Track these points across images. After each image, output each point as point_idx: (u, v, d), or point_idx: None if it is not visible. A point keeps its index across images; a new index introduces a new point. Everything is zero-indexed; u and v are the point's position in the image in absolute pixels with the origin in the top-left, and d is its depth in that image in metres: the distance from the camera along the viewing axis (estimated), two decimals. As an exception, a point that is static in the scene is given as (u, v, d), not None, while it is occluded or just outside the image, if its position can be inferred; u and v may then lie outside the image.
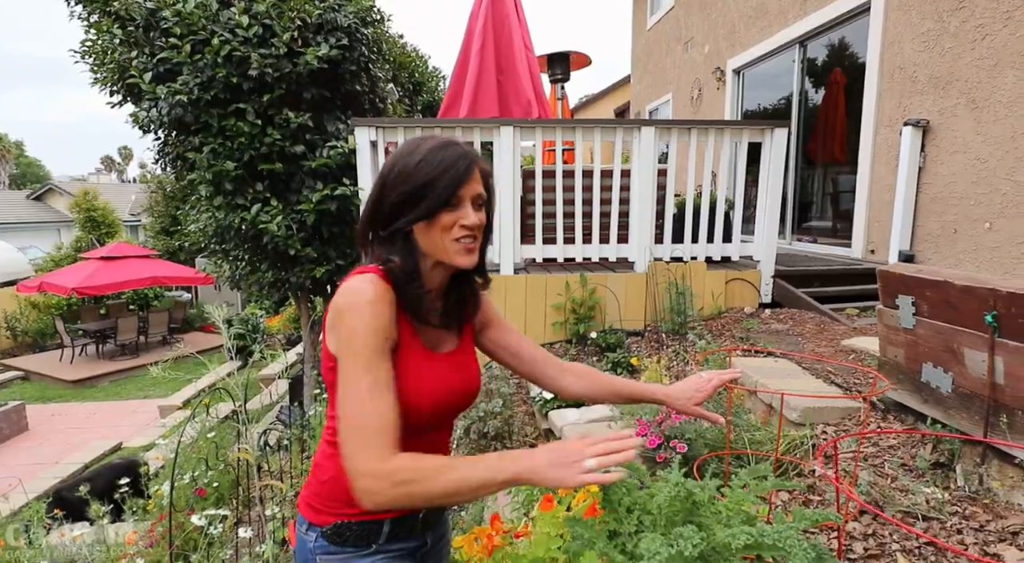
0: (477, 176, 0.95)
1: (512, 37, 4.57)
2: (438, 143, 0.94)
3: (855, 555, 1.66)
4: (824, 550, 0.97)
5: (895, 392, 2.17)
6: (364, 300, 0.87)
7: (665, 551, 0.79)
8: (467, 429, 2.71)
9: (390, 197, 0.93)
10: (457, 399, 1.03)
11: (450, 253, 0.94)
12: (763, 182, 4.26)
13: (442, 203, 0.91)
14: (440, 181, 0.90)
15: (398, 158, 0.95)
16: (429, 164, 0.91)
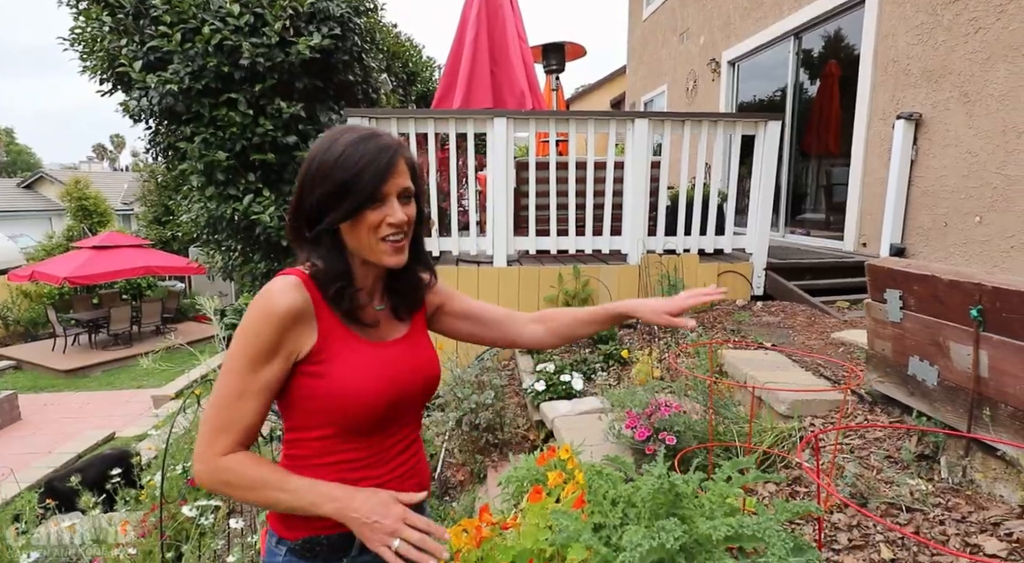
0: (403, 168, 0.91)
1: (506, 27, 4.54)
2: (358, 135, 0.90)
3: (839, 546, 1.68)
4: (803, 541, 0.98)
5: (882, 385, 2.19)
6: (265, 309, 0.86)
7: (647, 543, 0.80)
8: (459, 421, 2.72)
9: (312, 195, 0.89)
10: (408, 388, 0.99)
11: (377, 253, 0.91)
12: (756, 175, 4.26)
13: (365, 201, 0.88)
14: (362, 178, 0.86)
15: (317, 153, 0.91)
16: (349, 160, 0.87)
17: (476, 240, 4.20)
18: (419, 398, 1.03)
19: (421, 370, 1.02)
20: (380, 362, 0.95)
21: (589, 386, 3.08)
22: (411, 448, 1.03)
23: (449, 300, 1.15)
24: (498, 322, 1.16)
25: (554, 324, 1.18)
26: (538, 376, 3.07)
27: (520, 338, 1.18)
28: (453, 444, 2.84)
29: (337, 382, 0.90)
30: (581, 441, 2.32)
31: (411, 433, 1.04)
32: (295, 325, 0.87)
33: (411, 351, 1.02)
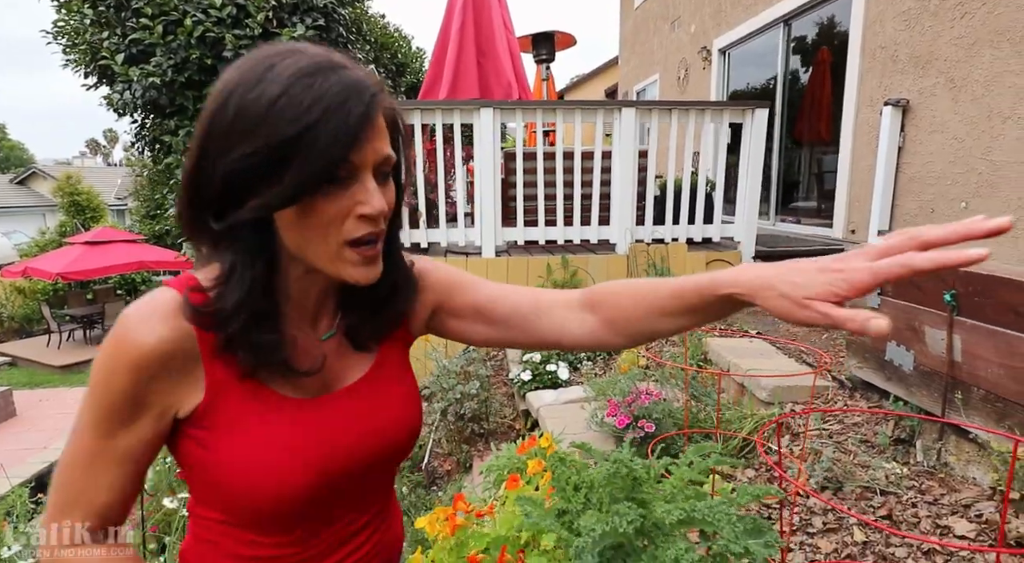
0: (381, 125, 0.57)
1: (492, 18, 4.51)
2: (310, 62, 0.54)
3: (814, 529, 1.71)
4: (763, 523, 0.99)
5: (861, 370, 2.21)
6: (116, 352, 0.56)
7: (600, 527, 0.81)
8: (444, 411, 2.73)
9: (224, 159, 0.54)
10: (354, 466, 0.66)
11: (337, 263, 0.58)
12: (744, 163, 4.26)
13: (322, 176, 0.53)
14: (318, 135, 0.51)
15: (235, 87, 0.54)
16: (295, 102, 0.52)
17: (464, 231, 4.20)
18: (377, 472, 0.71)
19: (383, 432, 0.69)
20: (305, 437, 0.62)
21: (575, 375, 3.09)
22: (366, 530, 0.72)
23: (449, 295, 0.75)
24: (520, 317, 0.72)
25: (615, 312, 0.69)
26: (524, 366, 3.08)
27: (564, 337, 0.72)
28: (440, 434, 2.86)
29: (226, 467, 0.60)
30: (565, 430, 2.34)
31: (365, 514, 0.72)
32: (162, 374, 0.57)
33: (370, 404, 0.69)
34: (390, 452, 0.71)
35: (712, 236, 4.44)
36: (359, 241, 0.57)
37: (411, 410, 0.73)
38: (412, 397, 0.74)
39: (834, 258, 0.51)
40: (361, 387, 0.69)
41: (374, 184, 0.57)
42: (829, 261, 0.51)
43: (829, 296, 0.50)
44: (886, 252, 0.48)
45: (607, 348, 0.74)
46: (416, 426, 0.74)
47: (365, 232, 0.57)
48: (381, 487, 0.75)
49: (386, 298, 0.68)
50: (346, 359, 0.69)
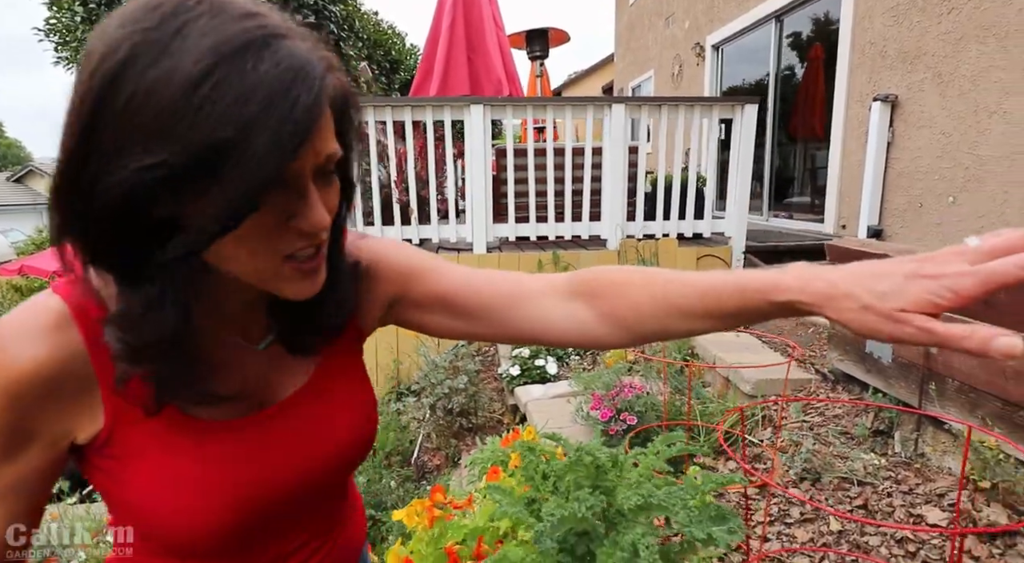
0: (327, 117, 0.45)
1: (482, 15, 4.52)
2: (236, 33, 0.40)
3: (792, 519, 1.73)
4: (727, 510, 1.01)
5: (842, 363, 2.23)
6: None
7: (559, 512, 0.83)
8: (433, 406, 2.75)
9: (119, 170, 0.40)
10: (285, 495, 0.57)
11: (271, 281, 0.49)
12: (734, 158, 4.28)
13: (261, 191, 0.41)
14: (256, 140, 0.39)
15: (129, 56, 0.39)
16: (225, 91, 0.38)
17: (456, 227, 4.21)
18: (321, 492, 0.62)
19: (325, 452, 0.60)
20: (222, 471, 0.53)
21: (564, 370, 3.11)
22: (314, 542, 0.64)
23: (409, 284, 0.64)
24: (492, 311, 0.62)
25: (622, 305, 0.57)
26: (513, 361, 3.10)
27: (546, 332, 0.61)
28: (429, 429, 2.88)
29: (134, 504, 0.52)
30: (550, 423, 2.36)
31: (307, 531, 0.63)
32: (48, 400, 0.47)
33: (310, 420, 0.59)
34: (333, 471, 0.61)
35: (703, 232, 4.46)
36: (295, 254, 0.47)
37: (359, 419, 0.63)
38: (361, 403, 0.64)
39: (922, 259, 0.41)
40: (300, 400, 0.59)
41: (315, 191, 0.46)
42: (917, 264, 0.41)
43: (928, 307, 0.39)
44: (992, 253, 0.39)
45: (601, 346, 0.61)
46: (367, 435, 0.64)
47: (303, 246, 0.47)
48: (329, 502, 0.66)
49: (323, 301, 0.55)
50: (283, 368, 0.59)
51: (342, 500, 0.69)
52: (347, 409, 0.62)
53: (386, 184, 4.28)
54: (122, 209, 0.41)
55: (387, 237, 0.68)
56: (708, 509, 1.02)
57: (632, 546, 0.81)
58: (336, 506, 0.68)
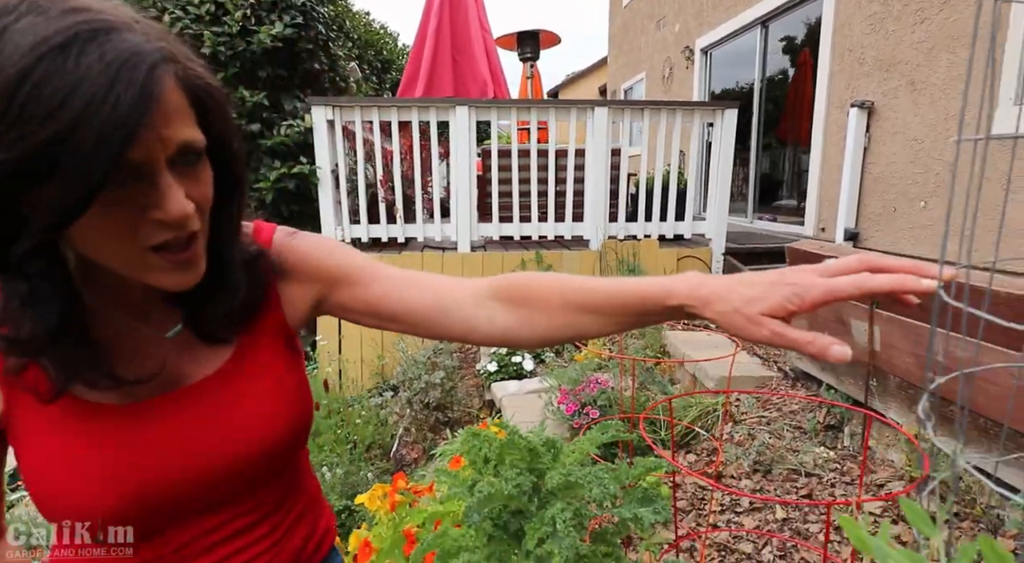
0: (174, 104, 0.46)
1: (468, 17, 4.59)
2: (58, 30, 0.40)
3: (741, 508, 1.81)
4: (655, 493, 1.10)
5: (800, 361, 2.32)
6: None
7: (487, 489, 0.91)
8: (410, 400, 2.83)
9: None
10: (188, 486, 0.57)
11: (144, 273, 0.49)
12: (714, 162, 4.37)
13: (94, 189, 0.41)
14: (82, 137, 0.40)
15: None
16: (46, 91, 0.39)
17: (441, 226, 4.29)
18: (227, 485, 0.60)
19: (234, 436, 0.59)
20: (109, 452, 0.54)
21: (540, 367, 3.19)
22: (233, 541, 0.62)
23: (334, 287, 0.66)
24: (418, 317, 0.65)
25: (539, 314, 0.62)
26: (492, 357, 3.18)
27: (470, 335, 0.65)
28: (407, 423, 2.95)
29: (31, 482, 0.54)
30: (518, 417, 2.44)
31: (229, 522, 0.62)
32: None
33: (218, 404, 0.59)
34: (250, 457, 0.60)
35: (684, 233, 4.55)
36: (161, 246, 0.48)
37: (282, 402, 0.63)
38: (285, 387, 0.64)
39: (788, 271, 0.50)
40: (208, 385, 0.59)
41: (169, 181, 0.46)
42: (782, 275, 0.49)
43: (781, 310, 0.48)
44: (840, 271, 0.48)
45: (520, 346, 0.66)
46: (293, 420, 0.64)
47: (166, 238, 0.47)
48: (257, 489, 0.64)
49: (210, 296, 0.57)
50: (196, 357, 0.59)
51: (268, 490, 0.66)
52: (257, 398, 0.61)
53: (372, 183, 4.36)
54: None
55: (324, 237, 0.70)
56: (636, 492, 1.10)
57: (552, 520, 0.89)
58: (259, 497, 0.64)
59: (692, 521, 1.80)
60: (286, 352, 0.66)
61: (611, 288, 0.58)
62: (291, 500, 0.69)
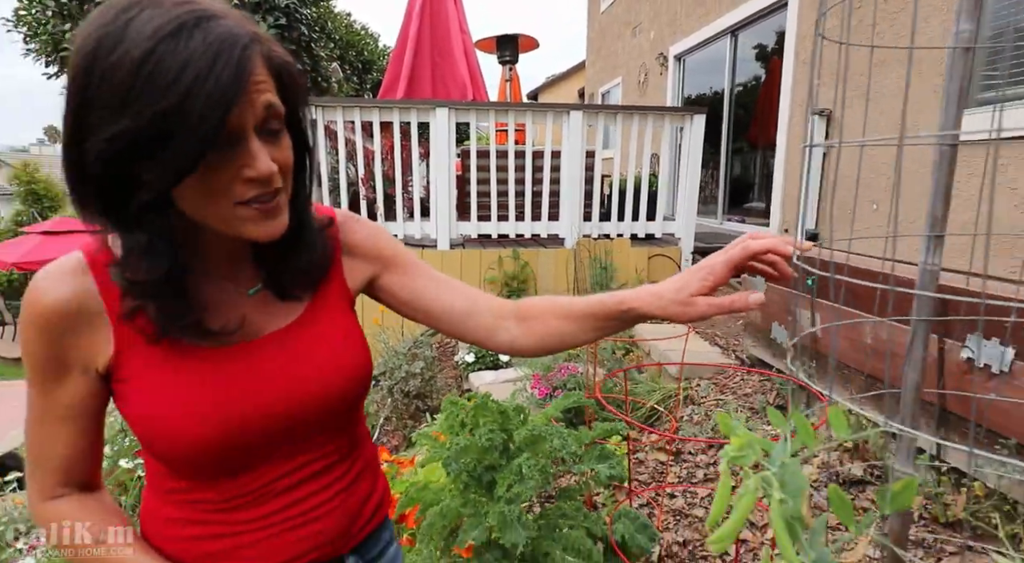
0: (261, 78, 0.55)
1: (448, 22, 4.73)
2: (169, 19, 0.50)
3: (696, 479, 1.99)
4: (610, 451, 1.25)
5: (755, 348, 2.51)
6: (26, 309, 0.60)
7: (462, 441, 1.06)
8: (391, 389, 2.95)
9: (95, 139, 0.51)
10: (270, 422, 0.65)
11: (235, 224, 0.58)
12: (683, 165, 4.57)
13: (202, 149, 0.51)
14: (191, 106, 0.49)
15: (96, 48, 0.51)
16: (162, 69, 0.49)
17: (420, 224, 4.42)
18: (313, 419, 0.68)
19: (310, 378, 0.68)
20: (206, 389, 0.62)
21: (515, 357, 3.34)
22: (308, 484, 0.69)
23: (387, 270, 0.78)
24: (451, 315, 0.78)
25: (536, 323, 0.77)
26: (469, 349, 3.32)
27: (487, 341, 0.78)
28: (388, 411, 3.07)
29: (133, 420, 0.62)
30: (494, 402, 2.59)
31: (305, 465, 0.69)
32: (70, 331, 0.60)
33: (296, 350, 0.68)
34: (322, 398, 0.68)
35: (655, 232, 4.75)
36: (251, 200, 0.57)
37: (349, 353, 0.71)
38: (351, 340, 0.72)
39: (704, 260, 0.67)
40: (287, 334, 0.68)
41: (258, 144, 0.56)
42: (698, 266, 0.67)
43: (702, 289, 0.64)
44: (735, 246, 0.66)
45: (523, 354, 0.79)
46: (359, 370, 0.72)
47: (256, 193, 0.57)
48: (329, 435, 0.71)
49: (292, 248, 0.67)
50: (274, 311, 0.69)
51: (339, 438, 0.73)
52: (330, 344, 0.70)
53: (354, 182, 4.46)
54: (101, 171, 0.52)
55: (381, 226, 0.82)
56: (594, 450, 1.26)
57: (519, 467, 1.04)
58: (332, 443, 0.72)
59: (652, 492, 1.97)
60: (351, 312, 0.76)
61: (586, 301, 0.74)
62: (356, 453, 0.76)
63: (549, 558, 1.08)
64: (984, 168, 3.28)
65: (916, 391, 0.79)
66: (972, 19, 0.69)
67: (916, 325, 0.76)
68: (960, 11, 0.69)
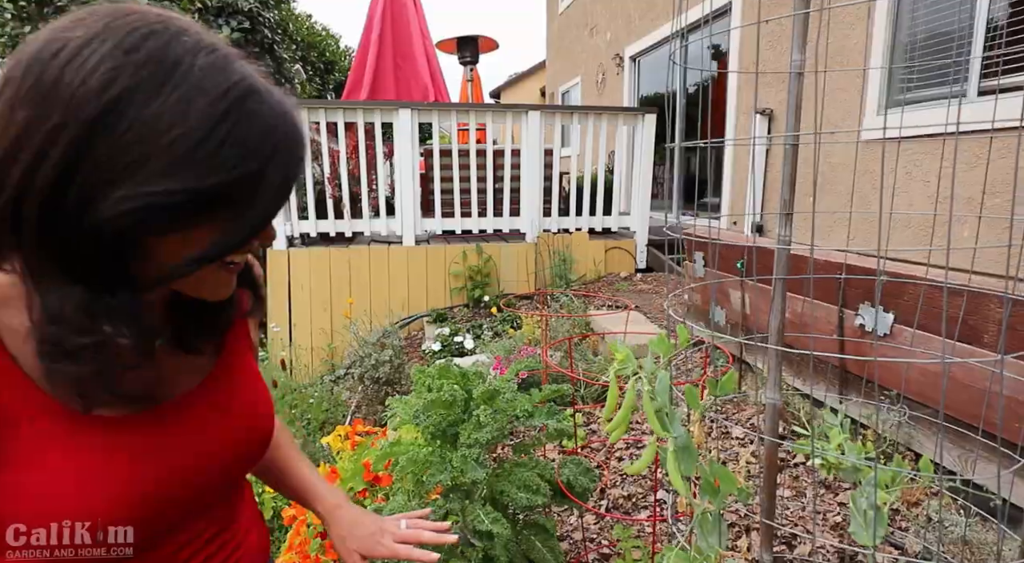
0: None
1: (410, 25, 4.88)
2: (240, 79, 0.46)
3: (643, 444, 2.21)
4: (556, 410, 1.46)
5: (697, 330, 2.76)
6: None
7: (429, 396, 1.24)
8: (361, 377, 3.10)
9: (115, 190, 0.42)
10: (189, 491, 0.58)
11: (204, 287, 0.54)
12: (636, 162, 4.83)
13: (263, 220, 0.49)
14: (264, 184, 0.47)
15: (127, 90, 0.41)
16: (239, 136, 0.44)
17: (386, 221, 4.56)
18: (212, 491, 0.63)
19: (231, 443, 0.63)
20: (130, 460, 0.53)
21: (480, 345, 3.53)
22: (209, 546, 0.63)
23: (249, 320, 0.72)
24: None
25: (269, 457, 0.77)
26: (436, 339, 3.49)
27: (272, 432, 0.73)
28: (359, 398, 3.22)
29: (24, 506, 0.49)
30: (460, 384, 2.77)
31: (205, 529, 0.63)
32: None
33: (206, 414, 0.61)
34: (243, 459, 0.65)
35: (611, 226, 5.00)
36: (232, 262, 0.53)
37: (263, 407, 0.67)
38: (264, 390, 0.68)
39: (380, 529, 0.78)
40: (196, 397, 0.60)
41: None
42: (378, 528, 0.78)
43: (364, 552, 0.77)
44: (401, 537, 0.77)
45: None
46: (270, 421, 0.68)
47: (246, 257, 0.57)
48: (224, 500, 0.66)
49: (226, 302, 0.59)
50: (179, 366, 0.59)
51: (238, 500, 0.70)
52: (246, 402, 0.66)
53: (320, 181, 4.57)
54: (119, 230, 0.43)
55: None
56: (544, 408, 1.46)
57: (477, 418, 1.23)
58: (231, 506, 0.68)
59: (602, 456, 2.19)
60: (252, 362, 0.71)
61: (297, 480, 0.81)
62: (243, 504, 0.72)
63: (505, 495, 1.27)
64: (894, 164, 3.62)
65: (779, 335, 1.02)
66: (801, 51, 0.91)
67: (776, 283, 0.98)
68: (793, 45, 0.90)
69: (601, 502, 1.97)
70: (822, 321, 1.87)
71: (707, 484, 0.82)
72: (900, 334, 1.70)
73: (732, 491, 0.78)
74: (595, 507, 1.93)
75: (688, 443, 0.81)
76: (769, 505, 1.12)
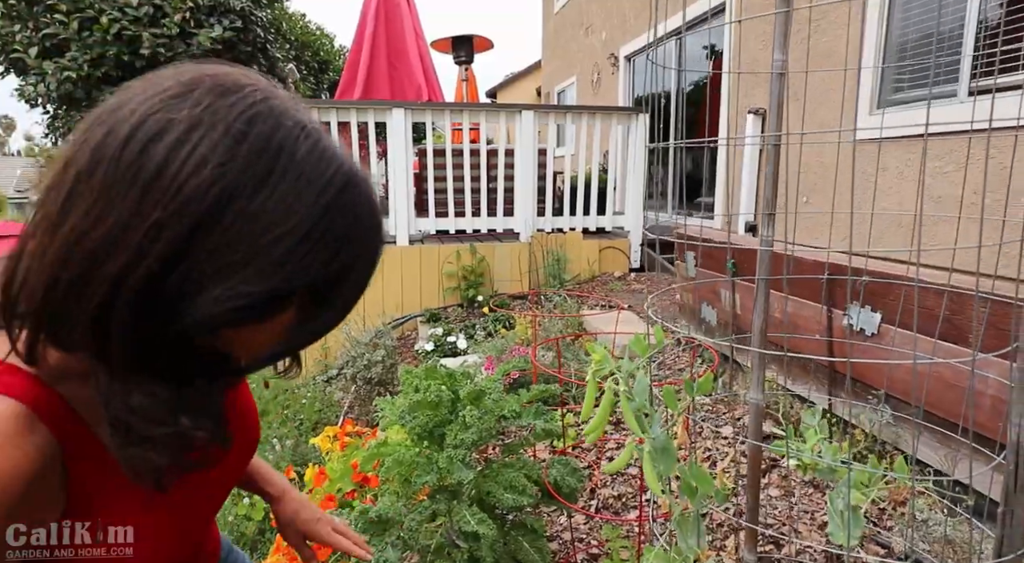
0: None
1: (403, 25, 4.87)
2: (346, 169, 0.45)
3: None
4: (544, 409, 1.46)
5: (687, 328, 2.76)
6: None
7: (416, 396, 1.24)
8: (353, 377, 3.10)
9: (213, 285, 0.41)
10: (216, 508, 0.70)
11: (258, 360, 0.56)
12: (631, 161, 4.84)
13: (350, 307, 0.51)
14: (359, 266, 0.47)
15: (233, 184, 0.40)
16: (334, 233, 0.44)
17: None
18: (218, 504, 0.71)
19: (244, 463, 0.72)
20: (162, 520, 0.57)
21: (473, 345, 3.53)
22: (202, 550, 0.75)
23: None
24: None
25: None
26: (429, 339, 3.49)
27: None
28: (351, 398, 3.22)
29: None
30: (452, 384, 2.77)
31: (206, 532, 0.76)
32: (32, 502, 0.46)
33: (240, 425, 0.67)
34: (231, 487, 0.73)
35: (605, 226, 5.00)
36: None
37: (256, 430, 0.72)
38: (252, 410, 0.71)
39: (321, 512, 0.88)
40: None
41: None
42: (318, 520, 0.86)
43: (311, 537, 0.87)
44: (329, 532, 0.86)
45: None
46: (257, 442, 0.74)
47: None
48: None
49: None
50: None
51: None
52: (248, 418, 0.69)
53: (313, 180, 4.55)
54: (212, 329, 0.42)
55: None
56: (532, 408, 1.46)
57: (463, 419, 1.23)
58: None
59: (593, 455, 2.19)
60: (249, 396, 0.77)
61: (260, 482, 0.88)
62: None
63: (491, 495, 1.27)
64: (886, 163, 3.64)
65: (762, 335, 1.02)
66: (783, 51, 0.91)
67: (758, 283, 0.98)
68: (774, 45, 0.91)
69: (591, 502, 1.97)
70: (811, 321, 1.88)
71: (686, 485, 0.82)
72: (887, 334, 1.70)
73: (709, 492, 0.78)
74: (585, 507, 1.93)
75: (667, 444, 0.81)
76: (753, 505, 1.12)
